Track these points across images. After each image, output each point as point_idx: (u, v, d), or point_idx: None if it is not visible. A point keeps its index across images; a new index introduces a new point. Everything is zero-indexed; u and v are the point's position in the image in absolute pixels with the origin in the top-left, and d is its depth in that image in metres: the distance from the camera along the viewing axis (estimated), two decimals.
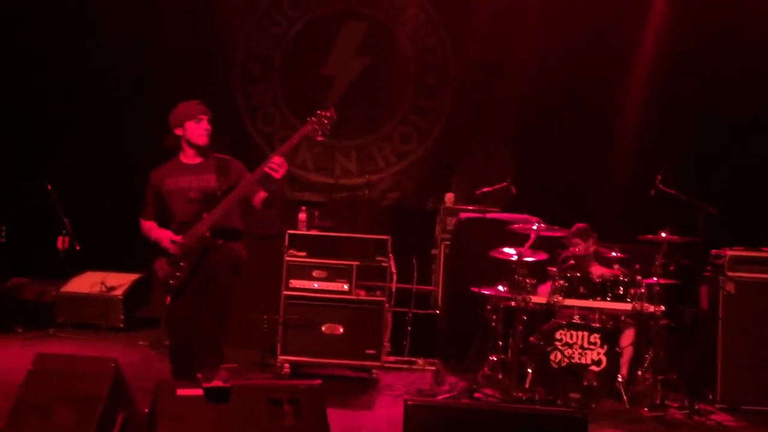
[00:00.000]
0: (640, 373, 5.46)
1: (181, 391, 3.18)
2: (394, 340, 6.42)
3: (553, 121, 7.83)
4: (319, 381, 3.42)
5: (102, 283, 7.24)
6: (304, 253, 5.87)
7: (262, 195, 4.05)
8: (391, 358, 6.22)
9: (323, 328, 5.72)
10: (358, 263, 5.85)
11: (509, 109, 8.07)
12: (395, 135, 8.66)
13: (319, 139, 4.14)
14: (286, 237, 5.92)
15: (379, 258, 5.96)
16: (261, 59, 8.57)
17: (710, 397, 5.63)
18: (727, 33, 7.21)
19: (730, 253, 5.89)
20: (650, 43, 7.59)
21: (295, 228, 6.06)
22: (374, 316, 5.75)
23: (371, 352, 5.63)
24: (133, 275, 7.41)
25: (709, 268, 6.04)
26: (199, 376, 3.29)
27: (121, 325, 7.16)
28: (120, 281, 7.37)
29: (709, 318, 5.80)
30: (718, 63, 7.31)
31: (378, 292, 5.84)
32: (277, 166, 3.87)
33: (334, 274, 5.82)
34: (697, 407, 5.13)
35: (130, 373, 3.56)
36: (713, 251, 6.03)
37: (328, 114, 4.03)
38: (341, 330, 5.72)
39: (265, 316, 5.78)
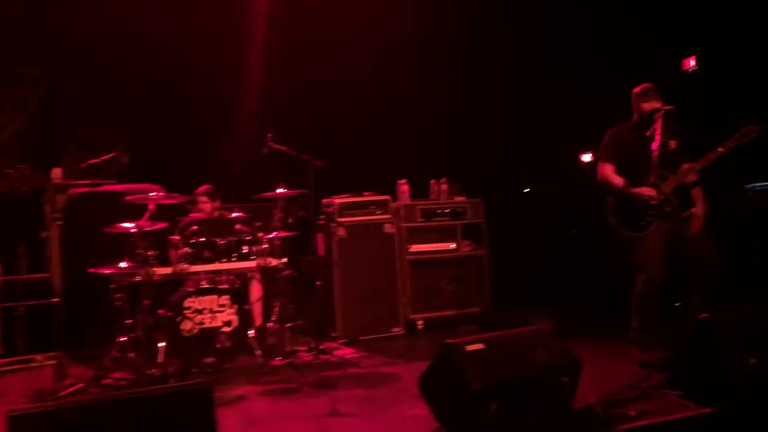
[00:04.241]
0: (269, 325, 5.71)
1: None
2: (6, 340, 5.70)
3: (169, 89, 7.53)
4: None
5: None
6: None
7: None
8: (3, 361, 5.52)
9: None
10: None
11: (118, 75, 7.53)
12: None
13: None
14: None
15: None
16: None
17: (333, 335, 6.18)
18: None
19: (338, 200, 6.45)
20: (261, 19, 7.72)
21: None
22: None
23: None
24: None
25: (322, 216, 6.54)
26: None
27: None
28: None
29: (325, 263, 6.30)
30: (324, 29, 7.72)
31: None
32: None
33: None
34: (322, 347, 5.56)
35: None
36: (324, 200, 6.55)
37: None
38: None
39: None
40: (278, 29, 7.70)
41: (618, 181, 4.97)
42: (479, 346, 3.49)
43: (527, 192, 8.15)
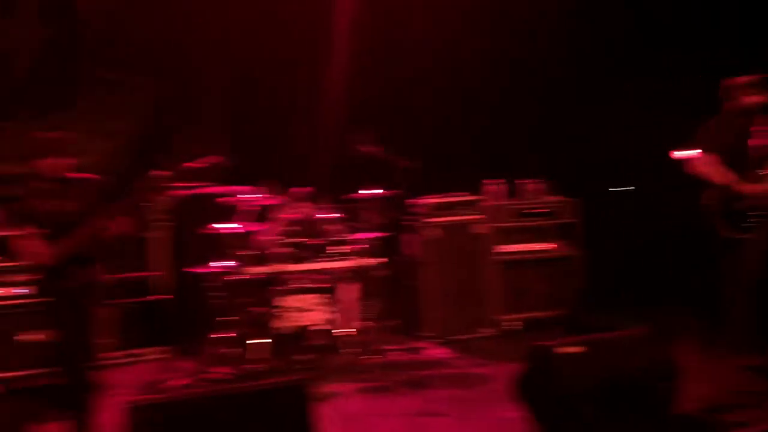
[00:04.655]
0: (361, 323, 5.81)
1: None
2: (121, 334, 6.06)
3: (263, 92, 7.81)
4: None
5: None
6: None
7: None
8: (118, 354, 5.88)
9: (21, 337, 5.21)
10: None
11: (218, 80, 7.87)
12: (96, 113, 7.95)
13: None
14: None
15: None
16: None
17: (424, 334, 6.23)
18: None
19: (428, 201, 6.50)
20: (347, 16, 7.87)
21: None
22: None
23: None
24: None
25: (412, 217, 6.60)
26: None
27: None
28: None
29: (416, 263, 6.36)
30: (410, 30, 7.79)
31: None
32: None
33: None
34: (413, 346, 5.62)
35: None
36: (414, 201, 6.61)
37: None
38: (43, 336, 5.24)
39: None
40: (369, 28, 7.83)
41: (727, 176, 4.72)
42: (575, 348, 3.46)
43: (623, 191, 7.93)
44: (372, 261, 5.66)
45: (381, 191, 5.80)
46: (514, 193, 6.89)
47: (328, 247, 5.63)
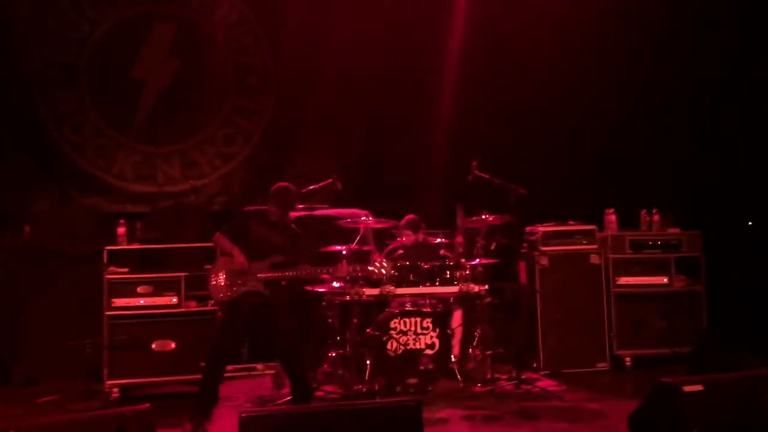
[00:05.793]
0: (470, 351, 5.73)
1: None
2: None
3: (373, 118, 7.97)
4: (148, 405, 3.23)
5: None
6: (126, 269, 5.59)
7: None
8: (230, 367, 6.06)
9: (153, 346, 5.47)
10: (186, 274, 5.66)
11: (330, 107, 8.11)
12: (218, 137, 8.38)
13: None
14: (105, 254, 5.58)
15: (208, 266, 5.77)
16: (62, 66, 7.92)
17: (535, 365, 6.06)
18: (532, 25, 7.67)
19: (542, 229, 6.36)
20: (458, 39, 7.94)
21: (114, 243, 5.72)
22: (207, 327, 5.57)
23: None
24: None
25: (524, 244, 6.48)
26: None
27: None
28: None
29: (528, 291, 6.22)
30: (524, 54, 7.74)
31: (210, 302, 5.66)
32: None
33: (161, 288, 5.60)
34: (523, 377, 5.47)
35: None
36: (527, 228, 6.48)
37: None
38: (173, 345, 5.50)
39: (88, 340, 5.42)
40: (481, 56, 7.85)
41: None
42: (698, 387, 3.26)
43: (752, 224, 7.46)
44: (478, 287, 5.59)
45: (491, 217, 5.72)
46: (633, 223, 6.62)
47: (437, 272, 5.62)
